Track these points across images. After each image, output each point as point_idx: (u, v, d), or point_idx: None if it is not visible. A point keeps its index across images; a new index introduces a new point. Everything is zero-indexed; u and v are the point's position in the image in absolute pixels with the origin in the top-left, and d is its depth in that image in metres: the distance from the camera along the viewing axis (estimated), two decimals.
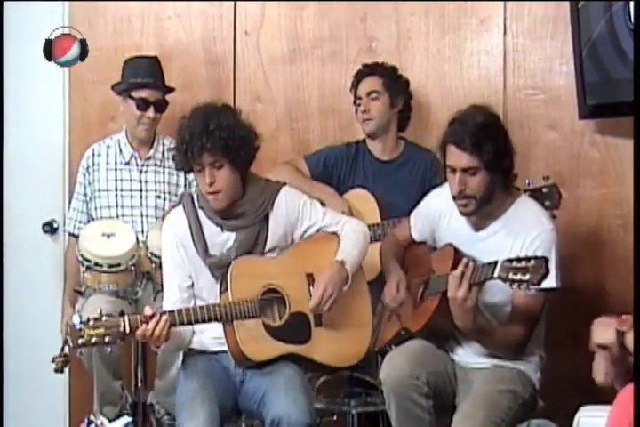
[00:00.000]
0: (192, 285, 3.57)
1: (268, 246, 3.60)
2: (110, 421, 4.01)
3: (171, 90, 4.43)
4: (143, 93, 4.30)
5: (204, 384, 3.42)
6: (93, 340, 3.24)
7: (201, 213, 3.58)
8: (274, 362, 3.48)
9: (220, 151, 3.44)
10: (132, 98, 4.31)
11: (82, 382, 4.51)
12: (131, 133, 4.40)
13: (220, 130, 3.44)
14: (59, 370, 3.66)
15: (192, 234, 3.56)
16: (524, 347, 3.37)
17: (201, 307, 3.44)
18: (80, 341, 3.23)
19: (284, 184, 3.70)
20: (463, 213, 3.44)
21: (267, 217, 3.60)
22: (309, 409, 3.35)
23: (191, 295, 3.57)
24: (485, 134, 3.31)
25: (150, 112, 4.30)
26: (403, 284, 3.62)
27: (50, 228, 4.82)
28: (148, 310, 3.34)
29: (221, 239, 3.57)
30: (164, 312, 3.35)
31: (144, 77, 4.32)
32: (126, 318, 3.30)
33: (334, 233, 3.69)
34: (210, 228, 3.58)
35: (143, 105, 4.30)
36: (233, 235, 3.56)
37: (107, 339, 3.25)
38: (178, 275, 3.56)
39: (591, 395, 2.91)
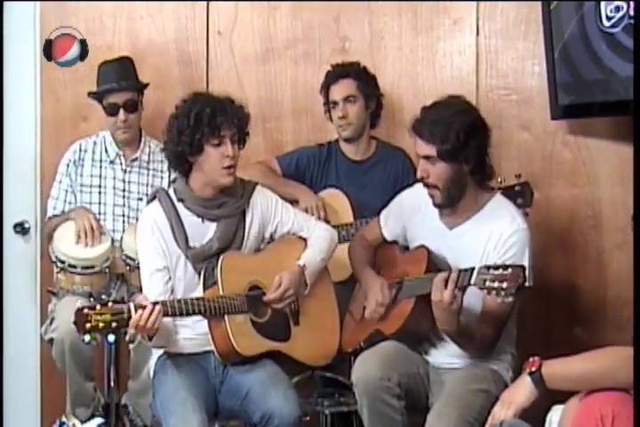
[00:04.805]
0: (170, 278, 3.54)
1: (244, 245, 3.61)
2: (82, 422, 3.98)
3: (144, 86, 4.35)
4: (110, 99, 4.23)
5: (190, 390, 3.40)
6: (101, 325, 3.18)
7: (180, 205, 3.56)
8: (256, 359, 3.50)
9: (241, 124, 3.51)
10: (102, 105, 4.27)
11: (54, 383, 4.49)
12: (113, 136, 4.36)
13: (239, 105, 3.55)
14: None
15: (172, 226, 3.54)
16: (495, 346, 3.38)
17: (193, 299, 3.42)
18: (87, 326, 3.16)
19: (257, 183, 3.72)
20: (435, 205, 3.46)
21: (243, 214, 3.61)
22: (299, 403, 3.39)
23: (170, 288, 3.53)
24: (443, 125, 3.32)
25: (121, 115, 4.23)
26: (385, 292, 3.57)
27: (21, 228, 4.77)
28: (142, 300, 3.31)
29: (202, 230, 3.56)
30: (157, 302, 3.31)
31: (110, 82, 4.24)
32: (132, 304, 3.26)
33: (303, 238, 3.75)
34: (190, 219, 3.56)
35: (112, 110, 4.23)
36: (213, 225, 3.57)
37: (114, 325, 3.20)
38: (160, 264, 3.51)
39: (563, 394, 2.92)
